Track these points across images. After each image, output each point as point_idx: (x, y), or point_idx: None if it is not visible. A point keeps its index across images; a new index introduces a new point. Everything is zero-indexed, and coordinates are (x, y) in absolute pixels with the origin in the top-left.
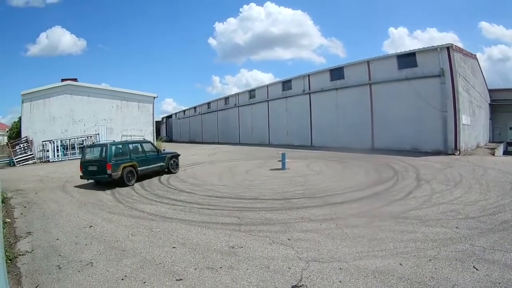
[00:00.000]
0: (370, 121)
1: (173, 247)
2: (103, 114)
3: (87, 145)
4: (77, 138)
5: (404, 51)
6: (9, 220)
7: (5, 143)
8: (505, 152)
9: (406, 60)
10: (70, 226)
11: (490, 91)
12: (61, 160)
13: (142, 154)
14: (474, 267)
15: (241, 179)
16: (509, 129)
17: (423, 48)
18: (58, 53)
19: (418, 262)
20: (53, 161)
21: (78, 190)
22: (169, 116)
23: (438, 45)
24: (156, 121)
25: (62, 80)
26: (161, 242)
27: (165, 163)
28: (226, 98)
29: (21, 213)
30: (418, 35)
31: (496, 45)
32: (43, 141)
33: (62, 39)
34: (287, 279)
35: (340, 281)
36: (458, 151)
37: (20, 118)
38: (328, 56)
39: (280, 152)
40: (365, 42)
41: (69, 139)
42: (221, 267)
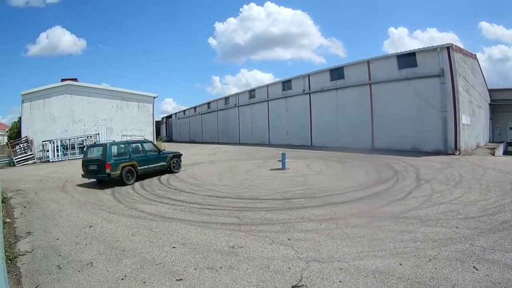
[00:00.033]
0: (370, 121)
1: (173, 247)
2: (103, 114)
3: (88, 145)
4: (77, 138)
5: (404, 51)
6: (9, 220)
7: (5, 143)
8: (505, 152)
9: (406, 60)
10: (70, 226)
11: (490, 91)
12: (61, 160)
13: (143, 154)
14: (474, 267)
15: (241, 179)
16: (509, 129)
17: (423, 48)
18: (58, 53)
19: (418, 262)
20: (53, 161)
21: (78, 190)
22: (169, 116)
23: (438, 45)
24: (156, 121)
25: (62, 80)
26: (161, 242)
27: (166, 162)
28: (226, 98)
29: (21, 213)
30: (418, 35)
31: (496, 45)
32: (43, 141)
33: (62, 39)
34: (287, 279)
35: (340, 281)
36: (458, 151)
37: (20, 118)
38: (328, 56)
39: (280, 152)
40: (365, 42)
41: (69, 139)
42: (221, 267)
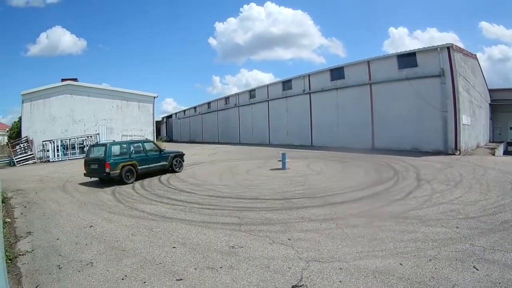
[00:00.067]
0: (370, 121)
1: (173, 247)
2: (103, 114)
3: (90, 145)
4: (77, 138)
5: (404, 51)
6: (9, 220)
7: (5, 143)
8: (505, 152)
9: (407, 60)
10: (70, 226)
11: (490, 91)
12: (61, 160)
13: (143, 154)
14: (474, 267)
15: (242, 179)
16: (509, 129)
17: (424, 48)
18: (58, 53)
19: (418, 262)
20: (53, 161)
21: (78, 190)
22: (169, 116)
23: (439, 45)
24: (156, 121)
25: (62, 80)
26: (161, 242)
27: (168, 162)
28: (227, 98)
29: (21, 213)
30: (418, 35)
31: (496, 45)
32: (43, 141)
33: (62, 39)
34: (287, 279)
35: (340, 281)
36: (458, 151)
37: (20, 118)
38: (328, 56)
39: (280, 152)
40: (365, 42)
41: (69, 139)
42: (221, 267)
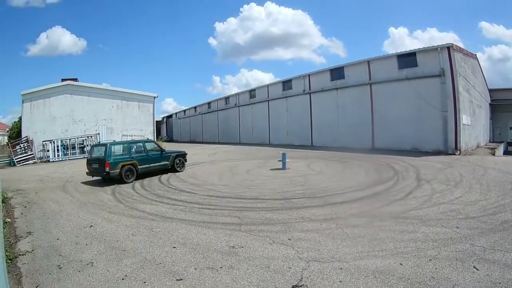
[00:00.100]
0: (370, 121)
1: (174, 247)
2: (103, 114)
3: (92, 145)
4: (77, 138)
5: (405, 51)
6: (9, 220)
7: (6, 143)
8: (505, 152)
9: (407, 60)
10: (70, 226)
11: (490, 91)
12: (62, 160)
13: (144, 153)
14: (474, 267)
15: (242, 179)
16: (509, 129)
17: (424, 48)
18: (58, 53)
19: (419, 262)
20: (53, 161)
21: (78, 190)
22: (170, 116)
23: (439, 45)
24: (156, 121)
25: (62, 80)
26: (162, 242)
27: (169, 161)
28: (227, 98)
29: (22, 213)
30: (418, 35)
31: (496, 45)
32: (43, 141)
33: (62, 39)
34: (287, 279)
35: (341, 281)
36: (458, 151)
37: (20, 118)
38: (328, 56)
39: (281, 152)
40: (365, 42)
41: (70, 139)
42: (221, 267)
